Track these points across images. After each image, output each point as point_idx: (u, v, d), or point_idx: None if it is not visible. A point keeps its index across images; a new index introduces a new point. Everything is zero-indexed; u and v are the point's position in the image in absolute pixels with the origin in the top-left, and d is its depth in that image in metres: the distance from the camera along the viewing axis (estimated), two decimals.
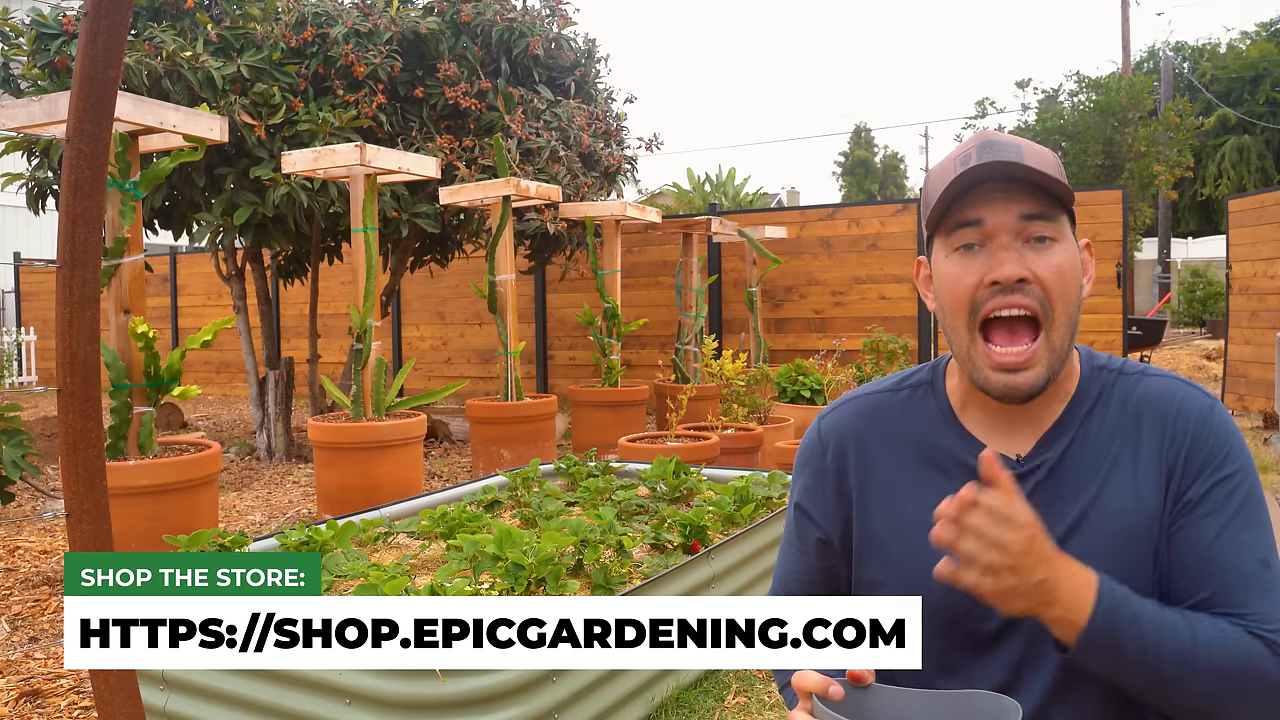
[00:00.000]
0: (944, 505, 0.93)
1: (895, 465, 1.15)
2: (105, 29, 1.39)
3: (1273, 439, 7.05)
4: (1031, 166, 1.02)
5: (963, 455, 1.12)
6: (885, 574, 1.14)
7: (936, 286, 1.10)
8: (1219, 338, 15.76)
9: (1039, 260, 1.03)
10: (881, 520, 1.15)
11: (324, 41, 6.45)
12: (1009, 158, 1.03)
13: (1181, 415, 1.06)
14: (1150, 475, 1.05)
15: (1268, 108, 22.70)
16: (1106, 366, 1.12)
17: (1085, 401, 1.10)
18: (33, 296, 14.97)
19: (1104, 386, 1.10)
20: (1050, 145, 16.94)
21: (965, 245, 1.06)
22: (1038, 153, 1.05)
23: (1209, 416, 1.05)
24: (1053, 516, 1.06)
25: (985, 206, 1.04)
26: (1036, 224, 1.03)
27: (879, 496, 1.15)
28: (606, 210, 7.02)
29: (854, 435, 1.18)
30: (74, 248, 1.43)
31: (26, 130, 4.22)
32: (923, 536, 1.08)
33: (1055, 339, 1.03)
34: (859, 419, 1.19)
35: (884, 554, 1.14)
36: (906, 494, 1.13)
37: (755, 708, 2.68)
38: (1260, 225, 8.51)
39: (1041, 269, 1.03)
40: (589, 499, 3.56)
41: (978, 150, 1.05)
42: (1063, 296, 1.03)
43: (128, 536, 3.59)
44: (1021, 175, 1.03)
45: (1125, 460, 1.06)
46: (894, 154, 41.90)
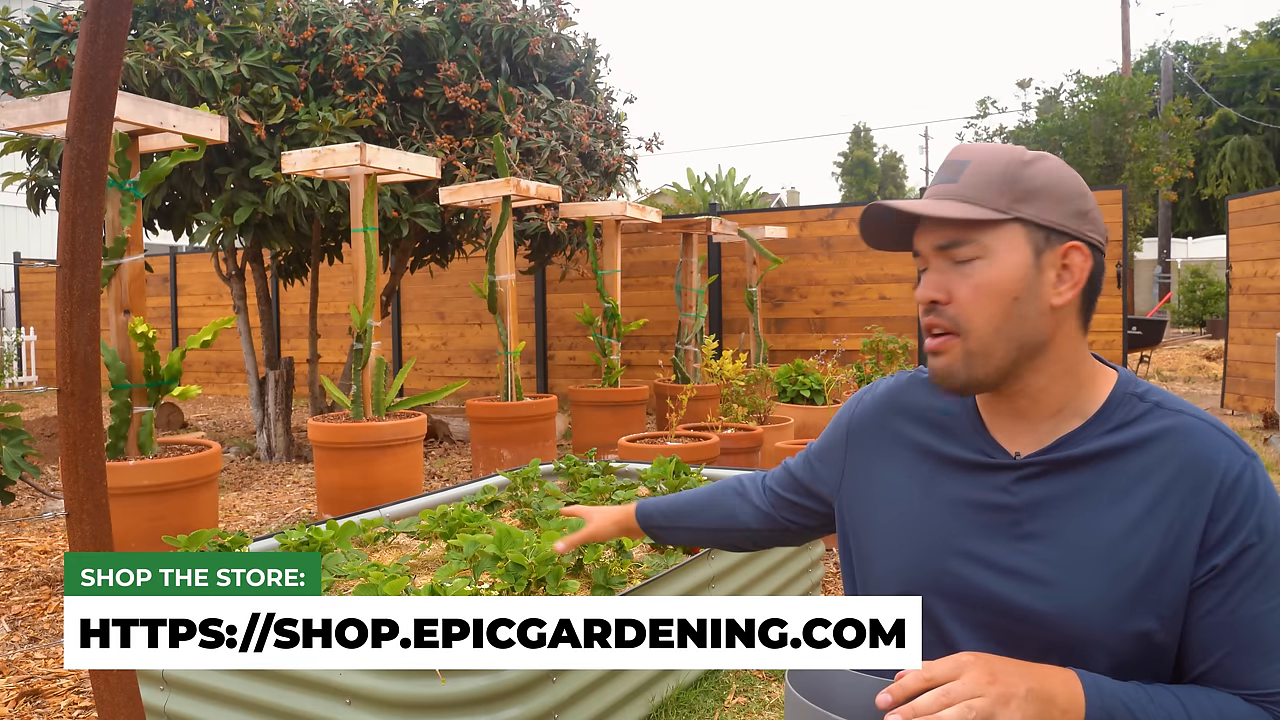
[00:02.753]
0: (891, 713, 0.92)
1: (908, 438, 1.22)
2: (105, 29, 1.39)
3: (1273, 439, 7.05)
4: (911, 211, 1.09)
5: (967, 440, 1.15)
6: (873, 543, 1.21)
7: None
8: (1219, 338, 15.76)
9: (960, 281, 1.08)
10: (875, 485, 1.22)
11: (324, 41, 6.45)
12: (944, 179, 1.10)
13: (1214, 471, 1.02)
14: (1161, 517, 1.02)
15: (1268, 107, 22.70)
16: (1143, 396, 1.09)
17: (1105, 423, 1.08)
18: (33, 296, 14.98)
19: (1135, 415, 1.08)
20: (1050, 145, 16.93)
21: (920, 268, 1.14)
22: (980, 168, 1.08)
23: (1242, 475, 1.02)
24: (1032, 513, 1.07)
25: (919, 236, 1.12)
26: (954, 250, 1.08)
27: (882, 464, 1.23)
28: (606, 210, 7.02)
29: (891, 406, 1.26)
30: (74, 248, 1.43)
31: (26, 130, 4.22)
32: (902, 510, 1.18)
33: (973, 345, 1.07)
34: (900, 392, 1.27)
35: (864, 516, 1.23)
36: (901, 467, 1.20)
37: (755, 708, 2.68)
38: (1260, 225, 8.51)
39: (959, 289, 1.07)
40: (589, 499, 3.56)
41: (936, 172, 1.14)
42: (980, 311, 1.06)
43: (128, 536, 3.59)
44: (903, 221, 1.12)
45: (1140, 491, 1.04)
46: (893, 154, 41.90)
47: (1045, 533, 1.06)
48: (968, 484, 1.13)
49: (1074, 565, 1.04)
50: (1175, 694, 1.00)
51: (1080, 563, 1.04)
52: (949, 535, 1.11)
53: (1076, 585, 1.03)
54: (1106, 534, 1.04)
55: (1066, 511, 1.06)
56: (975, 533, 1.10)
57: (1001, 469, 1.11)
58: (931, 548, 1.12)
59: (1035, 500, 1.08)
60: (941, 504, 1.14)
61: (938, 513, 1.13)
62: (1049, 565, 1.05)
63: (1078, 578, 1.03)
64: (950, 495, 1.13)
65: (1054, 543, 1.05)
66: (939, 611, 1.11)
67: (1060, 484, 1.07)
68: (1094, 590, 1.02)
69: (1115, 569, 1.02)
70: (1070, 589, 1.03)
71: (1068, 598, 1.03)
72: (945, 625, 1.11)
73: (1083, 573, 1.03)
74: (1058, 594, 1.03)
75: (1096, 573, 1.03)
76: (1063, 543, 1.05)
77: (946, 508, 1.13)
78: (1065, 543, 1.05)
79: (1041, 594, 1.04)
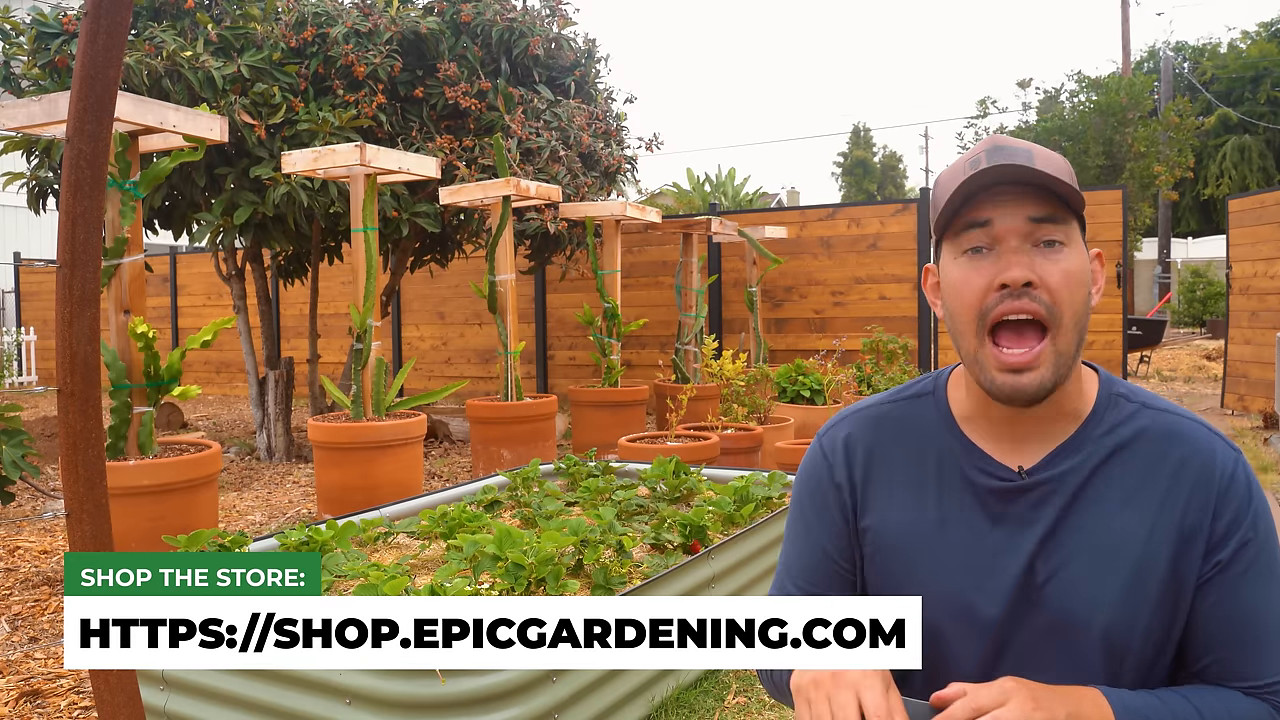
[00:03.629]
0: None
1: (895, 474, 1.15)
2: (105, 29, 1.39)
3: (1273, 439, 7.05)
4: (1040, 170, 1.00)
5: (964, 465, 1.11)
6: (879, 580, 1.15)
7: (944, 291, 1.09)
8: (1219, 338, 15.76)
9: (1047, 265, 1.02)
10: (879, 527, 1.15)
11: (324, 41, 6.45)
12: (1019, 161, 1.01)
13: (1213, 470, 1.04)
14: (1170, 518, 1.04)
15: (1268, 107, 22.70)
16: (1127, 396, 1.10)
17: (1100, 425, 1.08)
18: (33, 296, 14.97)
19: (1125, 415, 1.09)
20: (1050, 145, 16.93)
21: (974, 249, 1.04)
22: (1049, 157, 1.04)
23: (1235, 472, 1.05)
24: (1053, 530, 1.06)
25: (994, 208, 1.03)
26: (1045, 227, 1.02)
27: (880, 505, 1.15)
28: (606, 210, 7.02)
29: (861, 448, 1.18)
30: (74, 248, 1.43)
31: (26, 130, 4.22)
32: (920, 547, 1.10)
33: (1061, 344, 1.02)
34: (859, 430, 1.19)
35: (882, 561, 1.14)
36: (906, 503, 1.13)
37: (755, 708, 2.68)
38: (1260, 225, 8.51)
39: (1049, 274, 1.01)
40: (589, 499, 3.56)
41: (987, 154, 1.04)
42: (1070, 302, 1.02)
43: (128, 536, 3.59)
44: (1030, 179, 1.01)
45: (1145, 496, 1.05)
46: (893, 154, 41.89)
47: (1064, 545, 1.05)
48: (979, 513, 1.09)
49: (1100, 571, 1.04)
50: (1184, 696, 1.02)
51: (1105, 568, 1.04)
52: (971, 574, 1.08)
53: (1105, 592, 1.03)
54: (1125, 538, 1.04)
55: (1080, 521, 1.06)
56: (1000, 564, 1.07)
57: (1013, 490, 1.08)
58: (956, 589, 1.08)
59: (1050, 516, 1.06)
60: (958, 539, 1.10)
61: (955, 551, 1.09)
62: (1076, 575, 1.04)
63: (1106, 584, 1.03)
64: (964, 527, 1.10)
65: (1077, 552, 1.05)
66: (963, 632, 1.09)
67: (1070, 495, 1.07)
68: (1122, 594, 1.03)
69: (1139, 571, 1.03)
70: (1100, 596, 1.03)
71: (1099, 606, 1.03)
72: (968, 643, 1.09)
73: (1110, 578, 1.03)
74: (1089, 604, 1.03)
75: (1123, 577, 1.03)
76: (1085, 551, 1.05)
77: (964, 542, 1.09)
78: (1088, 550, 1.05)
79: (1072, 606, 1.04)
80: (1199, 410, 8.82)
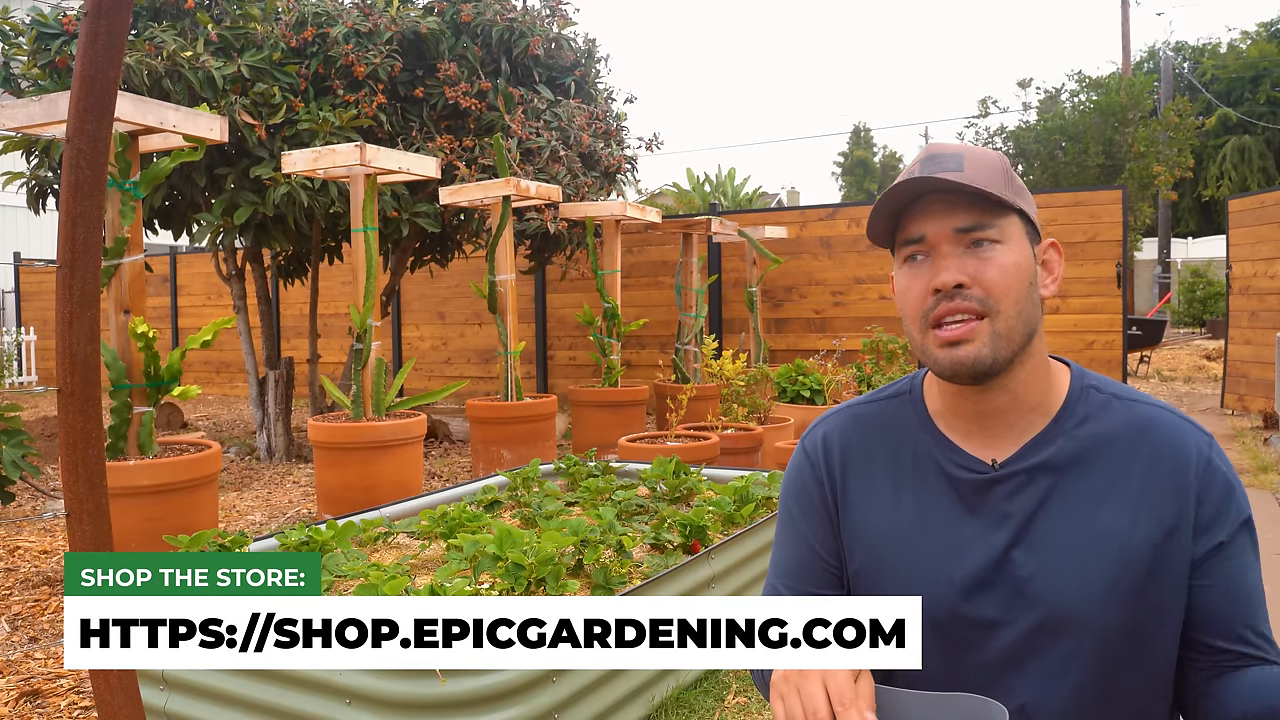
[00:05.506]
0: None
1: (876, 470, 1.18)
2: (105, 29, 1.39)
3: (1273, 439, 7.05)
4: (959, 182, 1.04)
5: (940, 459, 1.14)
6: (862, 574, 1.17)
7: (895, 296, 1.15)
8: (1219, 338, 15.76)
9: (979, 264, 1.05)
10: (861, 523, 1.17)
11: (324, 41, 6.45)
12: (947, 169, 1.05)
13: (1187, 456, 1.07)
14: (1151, 507, 1.05)
15: (1268, 107, 22.71)
16: (1098, 388, 1.13)
17: (1072, 418, 1.11)
18: (33, 296, 14.98)
19: (1097, 406, 1.11)
20: (1050, 145, 16.93)
21: (910, 257, 1.10)
22: (979, 161, 1.07)
23: (1211, 456, 1.08)
24: (1030, 522, 1.07)
25: (925, 221, 1.07)
26: (979, 231, 1.06)
27: (860, 500, 1.18)
28: (606, 210, 7.02)
29: (839, 446, 1.21)
30: (74, 248, 1.43)
31: (26, 130, 4.22)
32: (900, 540, 1.13)
33: (1000, 326, 1.05)
34: (838, 429, 1.23)
35: (863, 555, 1.16)
36: (884, 498, 1.16)
37: (755, 708, 2.68)
38: (1260, 225, 8.51)
39: (982, 272, 1.05)
40: (589, 499, 3.56)
41: (921, 164, 1.08)
42: (1007, 293, 1.05)
43: (128, 536, 3.59)
44: (954, 189, 1.05)
45: (1124, 485, 1.07)
46: (893, 154, 41.87)
47: (1045, 539, 1.07)
48: (955, 505, 1.11)
49: (1086, 566, 1.05)
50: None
51: (1091, 562, 1.05)
52: (950, 566, 1.10)
53: (1092, 586, 1.04)
54: (1109, 531, 1.05)
55: (1060, 514, 1.07)
56: (977, 554, 1.09)
57: (987, 483, 1.10)
58: (936, 581, 1.10)
59: (1026, 508, 1.08)
60: (935, 531, 1.12)
61: (934, 543, 1.11)
62: (1063, 571, 1.05)
63: (1092, 578, 1.04)
64: (941, 519, 1.12)
65: (1055, 547, 1.06)
66: (952, 635, 1.10)
67: (1046, 487, 1.08)
68: (1109, 586, 1.04)
69: (1125, 563, 1.04)
70: (1087, 591, 1.04)
71: (1087, 600, 1.04)
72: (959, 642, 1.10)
73: (1096, 572, 1.04)
74: (1076, 599, 1.04)
75: (1109, 569, 1.04)
76: (1069, 546, 1.06)
77: (941, 534, 1.11)
78: (1071, 545, 1.06)
79: (1060, 601, 1.05)
80: (1199, 411, 8.83)
